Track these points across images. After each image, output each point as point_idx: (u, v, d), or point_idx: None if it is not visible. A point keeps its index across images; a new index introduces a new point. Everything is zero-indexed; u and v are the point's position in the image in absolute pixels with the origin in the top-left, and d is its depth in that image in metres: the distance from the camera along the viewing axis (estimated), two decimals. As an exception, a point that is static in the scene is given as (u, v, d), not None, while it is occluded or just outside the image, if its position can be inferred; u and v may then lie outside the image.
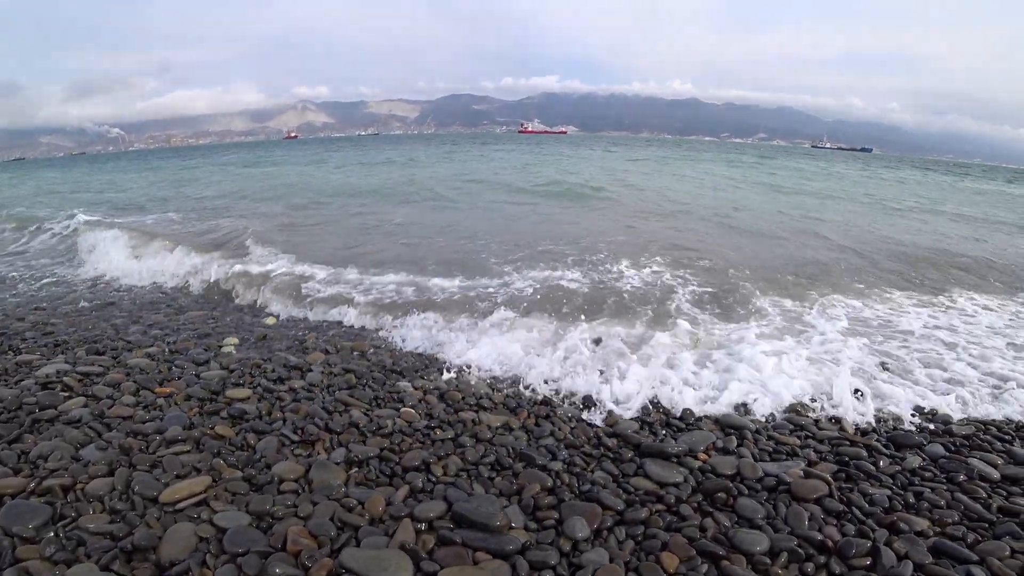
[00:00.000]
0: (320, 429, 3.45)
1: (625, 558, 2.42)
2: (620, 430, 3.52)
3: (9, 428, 3.37)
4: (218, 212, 13.46)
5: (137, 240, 9.74)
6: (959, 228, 12.95)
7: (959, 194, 23.62)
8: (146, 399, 3.83)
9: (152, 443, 3.25)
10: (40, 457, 3.04)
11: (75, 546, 2.37)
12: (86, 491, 2.74)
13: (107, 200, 17.58)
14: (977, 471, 3.09)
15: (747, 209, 14.17)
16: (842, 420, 3.71)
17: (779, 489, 2.93)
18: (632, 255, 8.15)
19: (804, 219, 12.81)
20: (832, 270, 7.93)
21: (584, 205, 14.03)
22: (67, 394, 3.88)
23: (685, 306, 6.17)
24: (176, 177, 26.01)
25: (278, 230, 10.50)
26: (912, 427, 3.66)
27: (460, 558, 2.38)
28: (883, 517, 2.68)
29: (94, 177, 30.27)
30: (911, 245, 10.00)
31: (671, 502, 2.82)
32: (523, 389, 4.15)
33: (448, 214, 12.62)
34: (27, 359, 4.54)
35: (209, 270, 7.76)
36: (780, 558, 2.41)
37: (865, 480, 3.03)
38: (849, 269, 8.06)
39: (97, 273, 8.41)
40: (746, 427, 3.58)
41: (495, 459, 3.19)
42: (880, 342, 5.26)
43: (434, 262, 7.88)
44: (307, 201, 14.91)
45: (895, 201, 18.18)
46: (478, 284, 6.83)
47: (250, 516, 2.60)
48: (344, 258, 8.13)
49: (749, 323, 5.66)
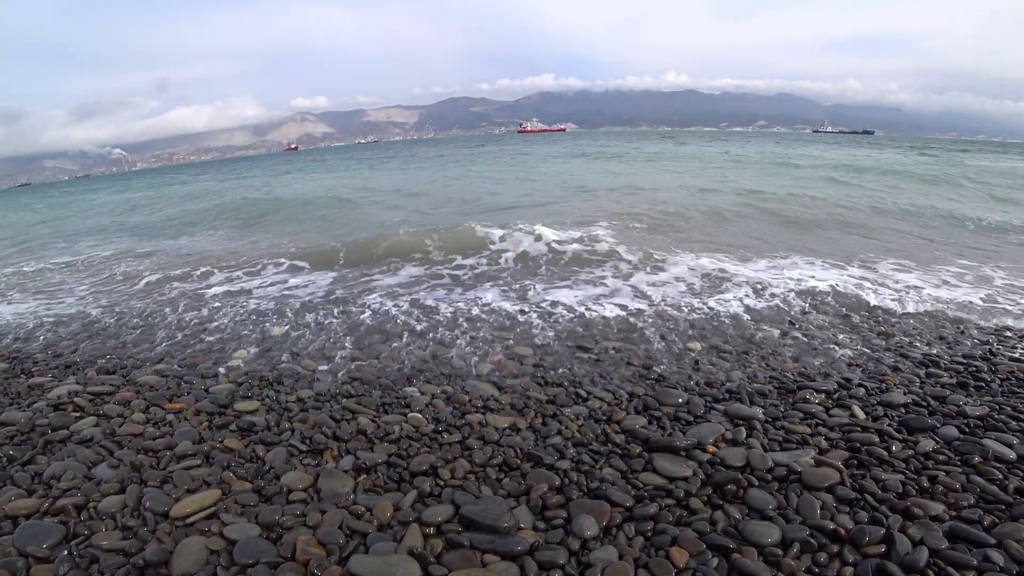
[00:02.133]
0: (328, 438, 3.46)
1: (635, 555, 2.41)
2: (628, 426, 3.51)
3: (23, 450, 3.42)
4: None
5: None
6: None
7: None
8: (156, 416, 3.87)
9: (162, 459, 3.28)
10: (53, 477, 3.08)
11: (88, 564, 2.40)
12: (98, 509, 2.78)
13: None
14: (992, 452, 3.03)
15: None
16: (852, 407, 3.67)
17: (790, 479, 2.90)
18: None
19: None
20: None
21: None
22: (78, 414, 3.92)
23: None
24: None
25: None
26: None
27: (468, 561, 2.38)
28: (896, 503, 2.64)
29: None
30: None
31: (680, 496, 2.79)
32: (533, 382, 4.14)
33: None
34: (39, 381, 4.60)
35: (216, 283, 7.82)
36: (792, 549, 2.38)
37: (877, 466, 2.98)
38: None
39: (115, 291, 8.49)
40: (755, 417, 3.54)
41: (503, 460, 3.18)
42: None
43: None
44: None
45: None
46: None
47: (260, 527, 2.62)
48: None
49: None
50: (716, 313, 5.85)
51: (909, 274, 7.39)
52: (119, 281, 8.73)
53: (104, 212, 21.78)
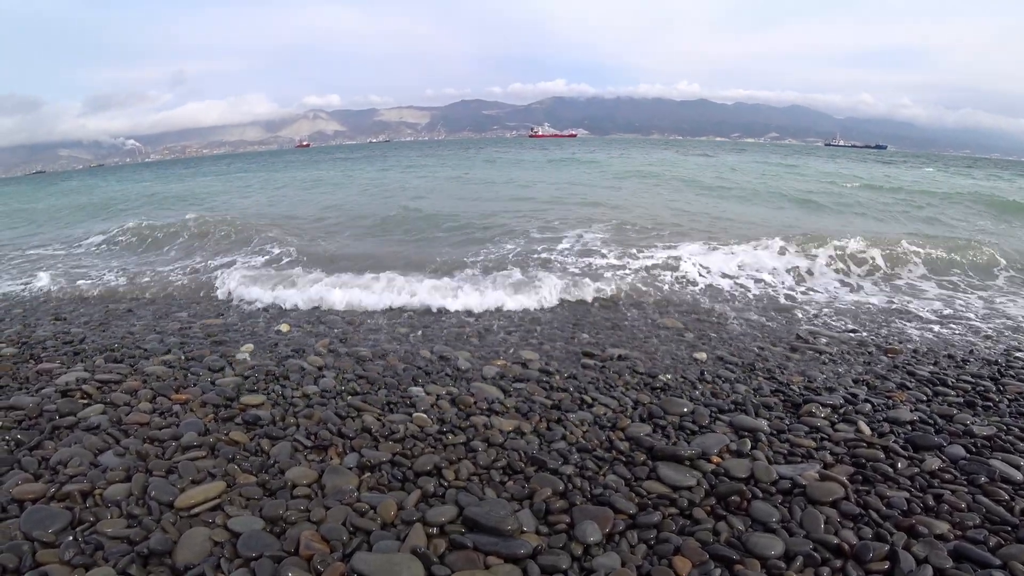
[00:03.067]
0: (333, 434, 3.47)
1: (637, 562, 2.40)
2: (632, 433, 3.50)
3: (30, 435, 3.45)
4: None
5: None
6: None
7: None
8: (162, 406, 3.90)
9: (168, 449, 3.30)
10: (60, 463, 3.10)
11: (93, 550, 2.41)
12: (104, 496, 2.79)
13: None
14: (999, 472, 3.02)
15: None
16: (857, 422, 3.65)
17: (794, 492, 2.89)
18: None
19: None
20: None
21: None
22: (86, 401, 3.95)
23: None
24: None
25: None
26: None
27: (471, 562, 2.38)
28: (901, 520, 2.63)
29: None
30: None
31: (684, 506, 2.79)
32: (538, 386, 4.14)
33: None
34: (48, 367, 4.63)
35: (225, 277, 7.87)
36: (795, 562, 2.37)
37: (883, 482, 2.97)
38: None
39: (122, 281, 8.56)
40: (760, 429, 3.53)
41: (507, 463, 3.18)
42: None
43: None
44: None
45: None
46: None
47: (264, 521, 2.63)
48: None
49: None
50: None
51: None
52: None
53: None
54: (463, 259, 8.80)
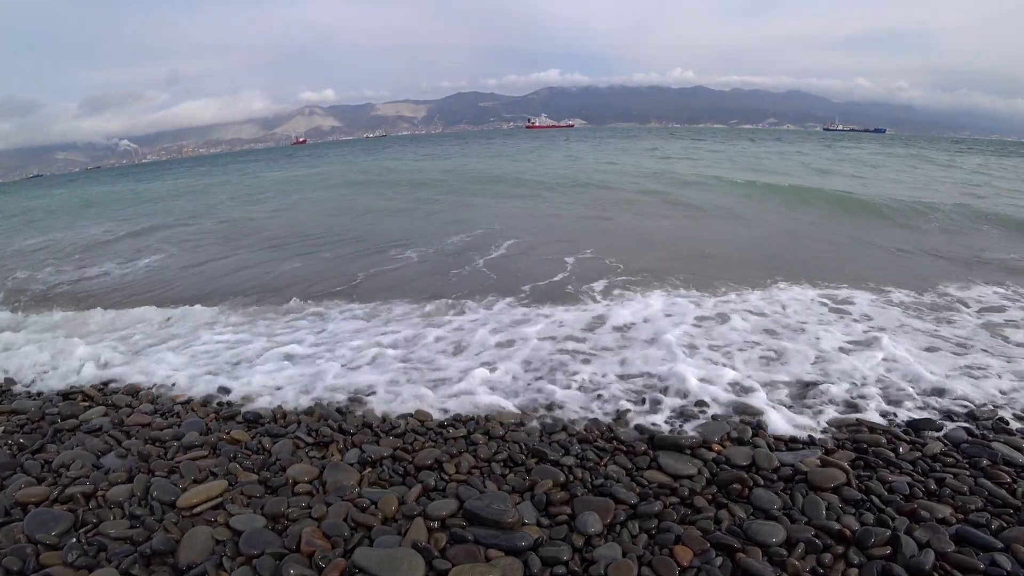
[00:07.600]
0: (334, 431, 3.48)
1: (638, 552, 2.40)
2: (631, 428, 3.50)
3: (33, 439, 3.47)
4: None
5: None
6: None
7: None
8: (164, 406, 3.91)
9: (170, 449, 3.31)
10: (62, 466, 3.12)
11: (96, 551, 2.43)
12: (107, 498, 2.81)
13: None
14: (1001, 456, 3.01)
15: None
16: (859, 406, 3.64)
17: (795, 479, 2.89)
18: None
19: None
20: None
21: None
22: (87, 404, 3.97)
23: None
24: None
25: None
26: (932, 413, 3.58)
27: (472, 556, 2.38)
28: (903, 505, 2.62)
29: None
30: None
31: (685, 495, 2.78)
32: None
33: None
34: (49, 370, 4.64)
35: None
36: (797, 549, 2.37)
37: (884, 467, 2.96)
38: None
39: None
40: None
41: (507, 456, 3.18)
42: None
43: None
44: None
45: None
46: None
47: (265, 518, 2.64)
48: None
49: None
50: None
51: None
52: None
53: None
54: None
